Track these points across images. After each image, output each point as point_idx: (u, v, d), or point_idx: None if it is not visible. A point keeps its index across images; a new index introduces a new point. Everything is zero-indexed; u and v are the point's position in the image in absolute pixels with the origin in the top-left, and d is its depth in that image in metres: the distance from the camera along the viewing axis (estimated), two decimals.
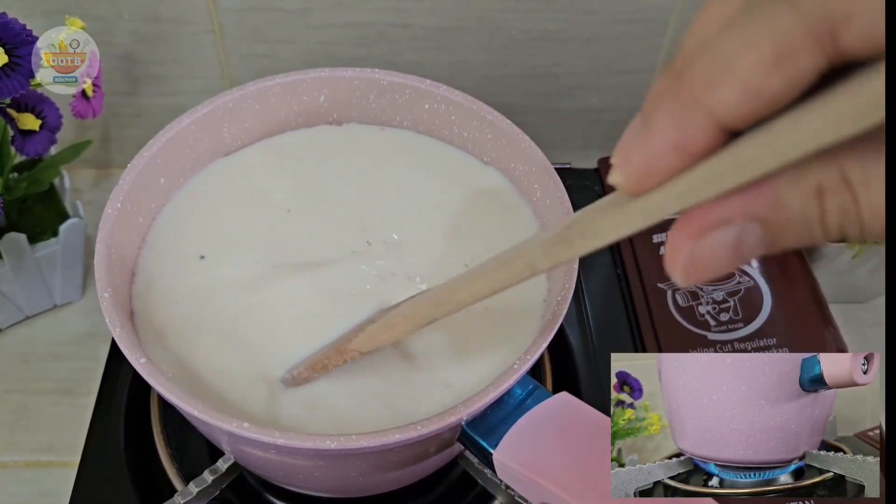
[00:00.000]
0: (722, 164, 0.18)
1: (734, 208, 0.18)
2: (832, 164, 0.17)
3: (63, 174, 0.52)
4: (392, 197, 0.43)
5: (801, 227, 0.18)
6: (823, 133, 0.16)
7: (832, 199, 0.17)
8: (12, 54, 0.42)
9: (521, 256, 0.25)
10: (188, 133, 0.41)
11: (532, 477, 0.31)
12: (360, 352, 0.34)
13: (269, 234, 0.41)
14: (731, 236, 0.18)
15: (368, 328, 0.34)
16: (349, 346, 0.34)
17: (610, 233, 0.21)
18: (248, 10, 0.54)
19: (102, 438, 0.45)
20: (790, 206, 0.17)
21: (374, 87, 0.44)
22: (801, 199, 0.17)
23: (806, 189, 0.17)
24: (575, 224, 0.22)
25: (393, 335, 0.33)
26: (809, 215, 0.17)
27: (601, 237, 0.21)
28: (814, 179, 0.17)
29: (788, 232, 0.18)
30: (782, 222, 0.18)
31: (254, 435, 0.30)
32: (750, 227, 0.18)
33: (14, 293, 0.51)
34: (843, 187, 0.17)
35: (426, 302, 0.31)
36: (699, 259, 0.19)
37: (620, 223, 0.20)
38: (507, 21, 0.56)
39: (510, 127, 0.42)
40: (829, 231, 0.18)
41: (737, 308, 0.50)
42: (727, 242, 0.18)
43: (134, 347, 0.32)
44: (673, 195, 0.18)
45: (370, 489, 0.41)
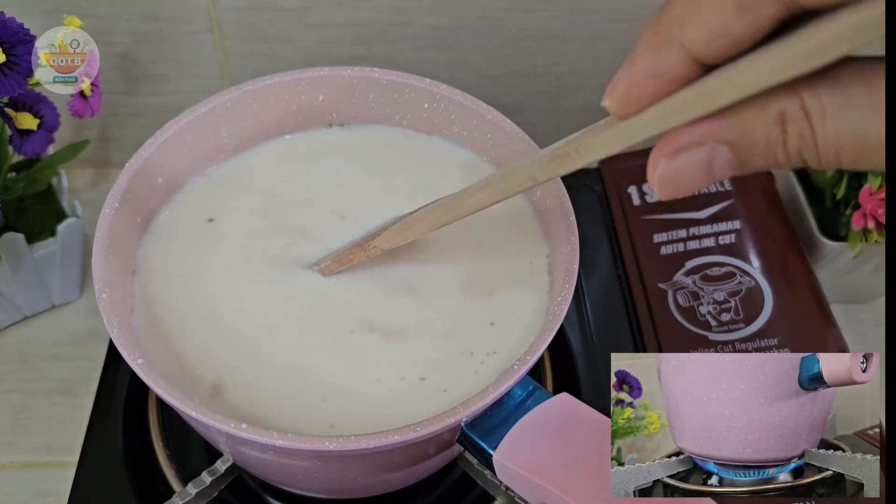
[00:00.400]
0: (693, 94, 0.20)
1: (705, 132, 0.21)
2: (794, 95, 0.19)
3: (61, 174, 0.52)
4: (391, 196, 0.42)
5: (765, 150, 0.20)
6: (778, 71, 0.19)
7: (792, 126, 0.19)
8: (10, 53, 0.42)
9: (523, 169, 0.29)
10: (186, 132, 0.41)
11: (532, 478, 0.31)
12: (381, 248, 0.37)
13: (268, 233, 0.41)
14: (702, 156, 0.21)
15: (389, 228, 0.36)
16: (372, 242, 0.37)
17: (599, 149, 0.24)
18: (247, 9, 0.54)
19: (101, 439, 0.45)
20: (756, 131, 0.20)
21: (373, 86, 0.44)
22: (765, 125, 0.20)
23: (770, 116, 0.20)
24: (570, 141, 0.26)
25: (410, 234, 0.36)
26: (773, 140, 0.20)
27: (592, 152, 0.25)
28: (777, 108, 0.19)
29: (755, 154, 0.20)
30: (749, 145, 0.20)
31: (252, 436, 0.30)
32: (719, 149, 0.21)
33: (12, 293, 0.51)
34: (802, 116, 0.19)
35: (439, 207, 0.34)
36: (674, 175, 0.21)
37: (609, 140, 0.23)
38: (507, 20, 0.56)
39: (510, 126, 0.42)
40: (790, 155, 0.20)
41: (738, 308, 0.50)
42: (698, 162, 0.21)
43: (132, 348, 0.32)
44: (652, 118, 0.21)
45: (369, 490, 0.41)
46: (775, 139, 0.20)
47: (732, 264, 0.52)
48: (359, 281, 0.39)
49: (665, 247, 0.54)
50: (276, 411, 0.34)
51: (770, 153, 0.20)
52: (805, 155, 0.20)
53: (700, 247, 0.53)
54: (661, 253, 0.53)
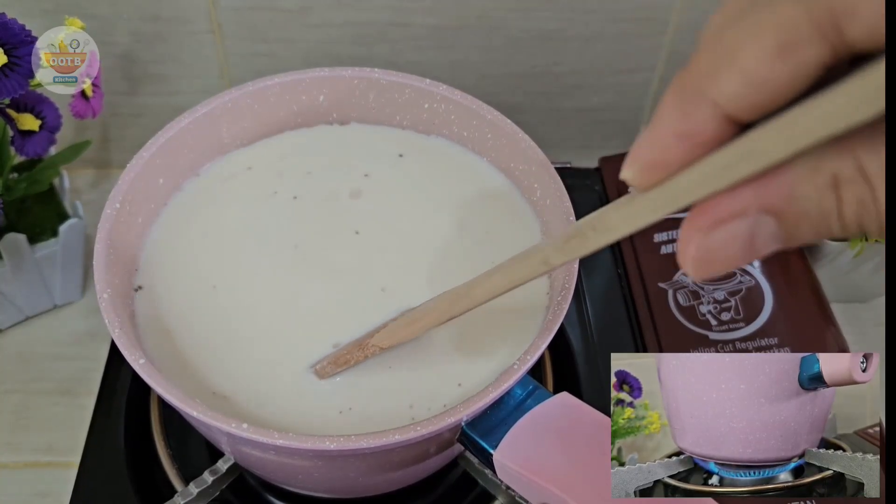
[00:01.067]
0: (732, 154, 0.17)
1: (747, 200, 0.18)
2: (848, 154, 0.16)
3: (62, 174, 0.52)
4: (391, 196, 0.42)
5: (817, 220, 0.17)
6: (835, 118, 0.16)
7: (849, 191, 0.17)
8: (11, 54, 0.42)
9: (536, 253, 0.26)
10: (187, 133, 0.41)
11: (532, 477, 0.31)
12: (380, 347, 0.34)
13: (269, 233, 0.41)
14: (744, 229, 0.18)
15: (389, 325, 0.34)
16: (370, 341, 0.34)
17: (620, 226, 0.21)
18: (247, 9, 0.54)
19: (102, 439, 0.45)
20: (806, 198, 0.17)
21: (373, 86, 0.44)
22: (816, 191, 0.17)
23: (822, 181, 0.17)
24: (587, 220, 0.23)
25: (413, 331, 0.34)
26: (826, 208, 0.17)
27: (612, 231, 0.22)
28: (829, 170, 0.17)
29: (804, 225, 0.18)
30: (798, 215, 0.17)
31: (253, 436, 0.30)
32: (764, 219, 0.18)
33: (14, 293, 0.51)
34: (860, 178, 0.16)
35: (444, 300, 0.32)
36: (711, 252, 0.18)
37: (630, 216, 0.20)
38: (507, 20, 0.56)
39: (510, 126, 0.42)
40: (846, 224, 0.17)
41: (738, 307, 0.50)
42: (740, 236, 0.18)
43: (133, 348, 0.32)
44: (682, 186, 0.18)
45: (370, 489, 0.41)
46: (829, 207, 0.17)
47: None
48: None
49: (665, 246, 0.54)
50: (281, 411, 0.34)
51: (822, 223, 0.17)
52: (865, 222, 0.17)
53: None
54: (661, 252, 0.53)
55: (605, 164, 0.59)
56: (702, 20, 0.59)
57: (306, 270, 0.39)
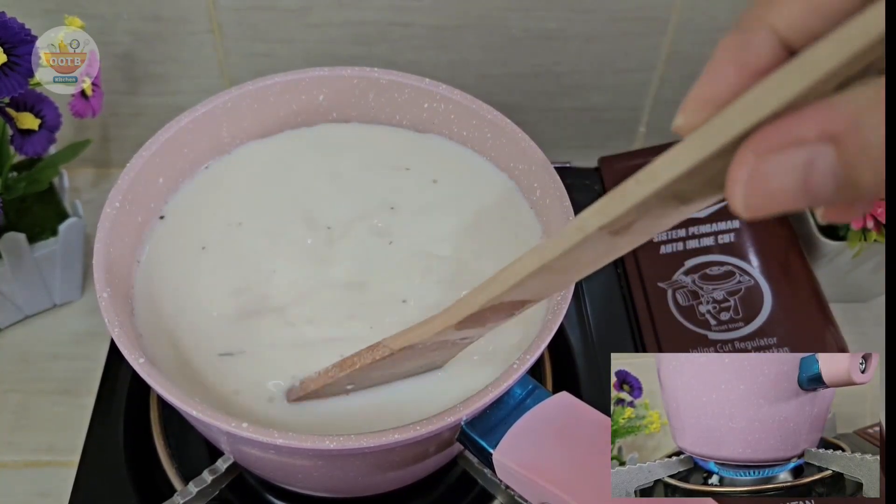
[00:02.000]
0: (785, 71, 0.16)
1: (808, 125, 0.16)
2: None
3: (62, 174, 0.52)
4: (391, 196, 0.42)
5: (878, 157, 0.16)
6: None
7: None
8: (11, 53, 0.42)
9: (571, 222, 0.23)
10: (187, 132, 0.41)
11: (532, 477, 0.31)
12: (391, 349, 0.31)
13: (268, 232, 0.41)
14: (802, 157, 0.16)
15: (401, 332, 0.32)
16: (382, 342, 0.32)
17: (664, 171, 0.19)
18: (247, 9, 0.54)
19: (102, 438, 0.45)
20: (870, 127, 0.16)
21: (373, 86, 0.44)
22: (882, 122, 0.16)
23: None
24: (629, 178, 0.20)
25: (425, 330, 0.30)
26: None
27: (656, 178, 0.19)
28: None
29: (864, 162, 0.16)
30: (860, 147, 0.16)
31: (252, 435, 0.30)
32: (823, 149, 0.16)
33: (13, 293, 0.51)
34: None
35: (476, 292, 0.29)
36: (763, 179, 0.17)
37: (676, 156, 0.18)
38: (508, 20, 0.56)
39: (510, 126, 0.42)
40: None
41: (737, 307, 0.50)
42: (796, 166, 0.16)
43: (133, 347, 0.32)
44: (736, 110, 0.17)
45: (370, 489, 0.41)
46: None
47: (732, 263, 0.52)
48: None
49: (664, 246, 0.54)
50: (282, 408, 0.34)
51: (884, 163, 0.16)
52: None
53: (699, 246, 0.53)
54: (660, 252, 0.53)
55: (604, 163, 0.59)
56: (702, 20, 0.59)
57: (309, 270, 0.39)
